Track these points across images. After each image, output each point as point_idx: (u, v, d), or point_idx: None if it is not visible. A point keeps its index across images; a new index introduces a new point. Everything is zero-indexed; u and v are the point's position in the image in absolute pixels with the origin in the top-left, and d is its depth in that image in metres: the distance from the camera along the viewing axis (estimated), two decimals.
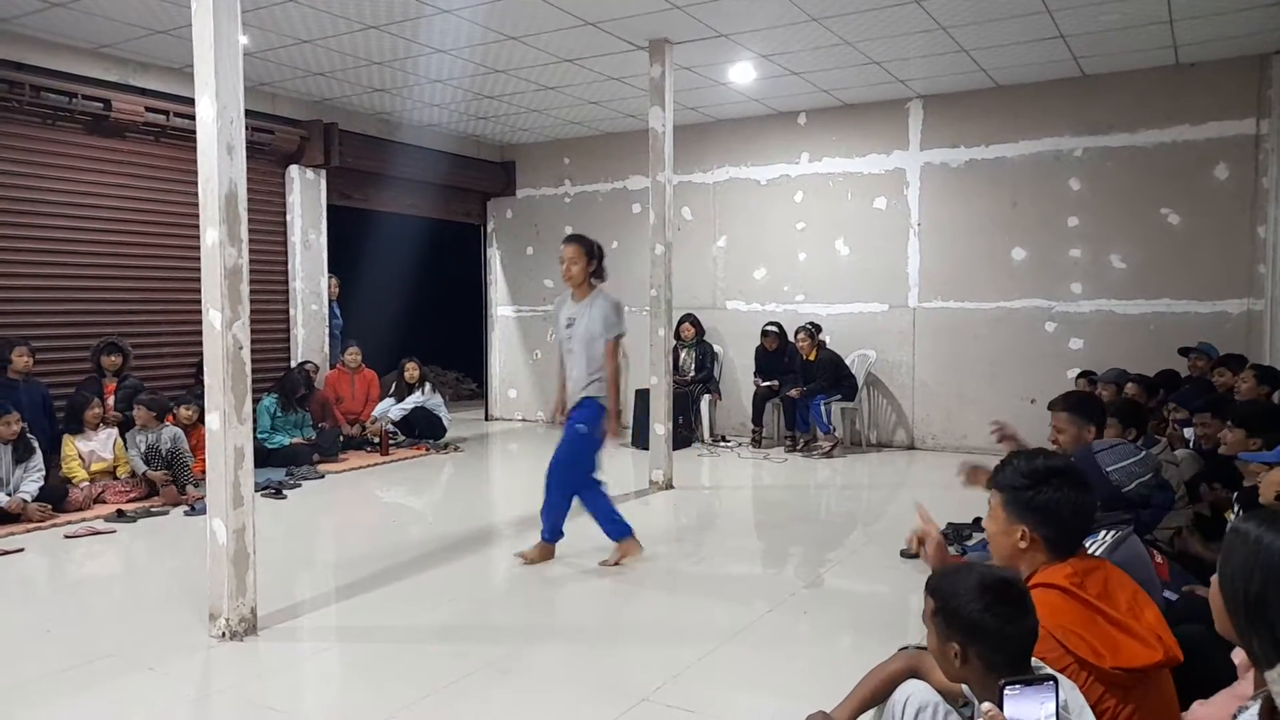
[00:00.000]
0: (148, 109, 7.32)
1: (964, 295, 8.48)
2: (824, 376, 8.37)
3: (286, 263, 8.73)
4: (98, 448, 6.36)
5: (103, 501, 6.14)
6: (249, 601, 3.81)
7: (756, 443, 8.92)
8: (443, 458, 8.50)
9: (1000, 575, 1.78)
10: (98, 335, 7.00)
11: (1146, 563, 2.56)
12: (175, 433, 6.50)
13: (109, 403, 6.70)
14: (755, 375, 9.08)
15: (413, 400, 8.91)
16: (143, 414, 6.39)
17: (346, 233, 10.35)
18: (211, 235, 3.71)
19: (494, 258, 11.26)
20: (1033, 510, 2.04)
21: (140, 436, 6.41)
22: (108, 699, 3.23)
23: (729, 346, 9.62)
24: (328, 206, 9.06)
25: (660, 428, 6.98)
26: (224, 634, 3.72)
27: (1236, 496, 3.60)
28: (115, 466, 6.40)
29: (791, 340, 8.76)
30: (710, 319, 9.57)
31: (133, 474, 6.37)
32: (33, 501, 5.65)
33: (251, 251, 3.93)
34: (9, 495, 5.62)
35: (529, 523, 4.99)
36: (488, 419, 11.18)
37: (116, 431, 6.50)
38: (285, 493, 6.70)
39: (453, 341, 12.33)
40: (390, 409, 8.83)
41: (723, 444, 9.08)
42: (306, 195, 8.81)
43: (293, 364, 8.60)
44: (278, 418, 7.85)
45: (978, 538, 5.02)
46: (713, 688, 3.33)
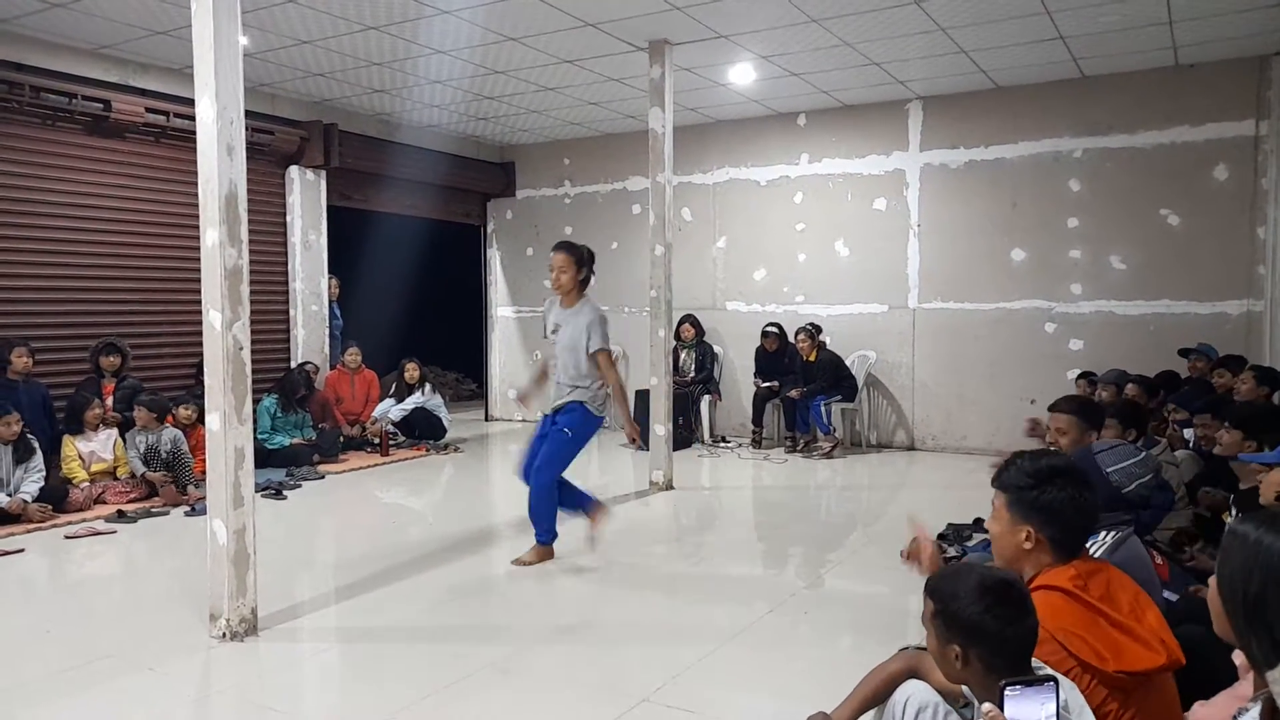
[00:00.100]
0: (148, 110, 7.32)
1: (964, 296, 8.48)
2: (824, 377, 8.37)
3: (286, 263, 8.74)
4: (98, 448, 6.36)
5: (103, 502, 6.15)
6: (249, 602, 3.81)
7: (756, 443, 8.92)
8: (443, 458, 8.50)
9: (1000, 576, 1.78)
10: (97, 336, 7.00)
11: (1147, 563, 2.56)
12: (175, 434, 6.50)
13: (108, 403, 6.71)
14: (755, 376, 9.08)
15: (413, 401, 8.91)
16: (143, 415, 6.39)
17: (346, 233, 10.36)
18: (211, 236, 3.72)
19: (494, 258, 11.26)
20: (1038, 510, 2.04)
21: (140, 437, 6.41)
22: (108, 699, 3.23)
23: (729, 347, 9.62)
24: (328, 207, 9.07)
25: (660, 428, 6.98)
26: (224, 634, 3.72)
27: (1234, 499, 3.60)
28: (115, 467, 6.40)
29: (792, 341, 8.77)
30: (710, 320, 9.58)
31: (132, 475, 6.38)
32: (33, 502, 5.66)
33: (251, 252, 3.93)
34: (9, 496, 5.62)
35: (529, 523, 4.99)
36: (488, 419, 11.19)
37: (116, 432, 6.50)
38: (285, 493, 6.70)
39: (453, 342, 12.33)
40: (390, 410, 8.83)
41: (723, 445, 9.08)
42: (306, 196, 8.81)
43: (293, 365, 8.60)
44: (278, 418, 7.85)
45: (978, 538, 5.02)
46: (713, 688, 3.33)
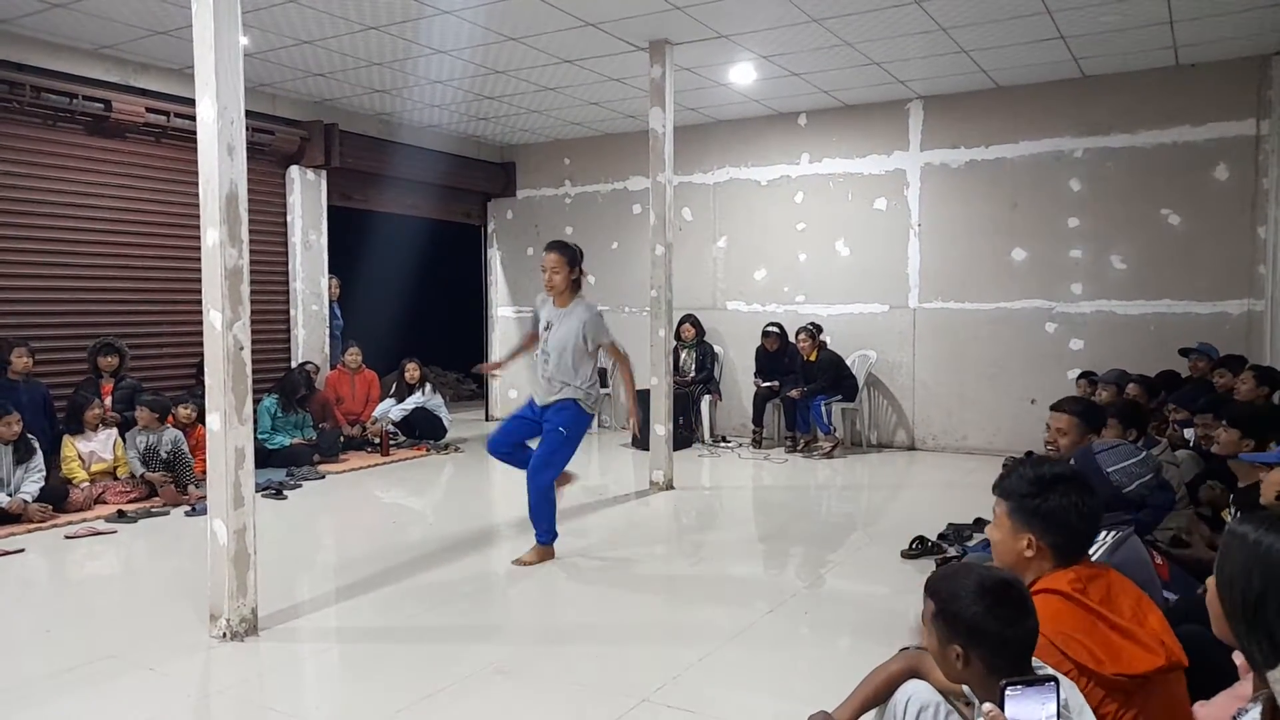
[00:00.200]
0: (148, 110, 7.32)
1: (964, 296, 8.48)
2: (825, 377, 8.37)
3: (287, 263, 8.74)
4: (98, 448, 6.36)
5: (103, 502, 6.15)
6: (250, 602, 3.81)
7: (757, 443, 8.92)
8: (443, 458, 8.50)
9: (1000, 576, 1.77)
10: (98, 336, 7.00)
11: (1147, 563, 2.56)
12: (176, 435, 6.50)
13: (106, 403, 6.70)
14: (755, 376, 9.08)
15: (413, 401, 8.90)
16: (145, 415, 6.39)
17: (347, 233, 10.36)
18: (212, 236, 3.72)
19: (494, 258, 11.26)
20: (1039, 517, 2.04)
21: (140, 438, 6.41)
22: (108, 699, 3.23)
23: (729, 347, 9.62)
24: (328, 207, 9.07)
25: (661, 428, 6.98)
26: (224, 634, 3.72)
27: (1233, 498, 3.60)
28: (115, 467, 6.40)
29: (793, 341, 8.76)
30: (710, 320, 9.57)
31: (132, 475, 6.38)
32: (33, 502, 5.66)
33: (252, 252, 3.93)
34: (10, 496, 5.62)
35: (529, 523, 4.99)
36: (488, 419, 11.18)
37: (116, 432, 6.50)
38: (286, 493, 6.70)
39: (453, 342, 12.33)
40: (391, 409, 8.83)
41: (723, 445, 9.08)
42: (307, 196, 8.81)
43: (293, 365, 8.60)
44: (278, 418, 7.85)
45: (978, 538, 5.02)
46: (713, 688, 3.33)
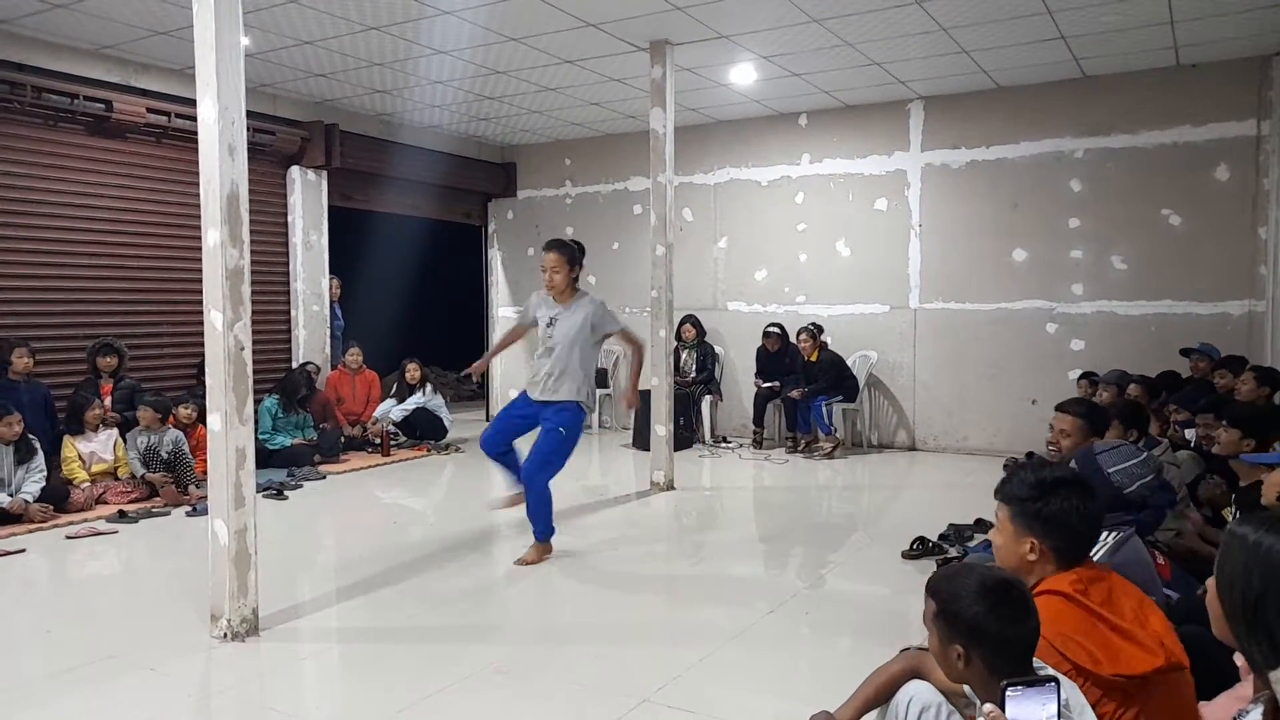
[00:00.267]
0: (149, 110, 7.32)
1: (965, 296, 8.48)
2: (825, 377, 8.36)
3: (288, 264, 8.74)
4: (98, 449, 6.36)
5: (104, 502, 6.14)
6: (250, 602, 3.81)
7: (758, 444, 8.92)
8: (444, 458, 8.50)
9: (1001, 577, 1.78)
10: (98, 336, 7.00)
11: (1148, 564, 2.56)
12: (176, 435, 6.50)
13: (106, 404, 6.71)
14: (756, 376, 9.07)
15: (414, 401, 8.91)
16: (147, 415, 6.39)
17: (348, 234, 10.36)
18: (213, 236, 3.72)
19: (495, 259, 11.26)
20: (1041, 521, 2.04)
21: (141, 438, 6.41)
22: (109, 699, 3.23)
23: (730, 348, 9.62)
24: (329, 207, 9.07)
25: (661, 429, 6.97)
26: (225, 634, 3.72)
27: (1235, 498, 3.60)
28: (116, 467, 6.41)
29: (794, 341, 8.76)
30: (711, 320, 9.57)
31: (133, 475, 6.38)
32: (34, 502, 5.66)
33: (253, 252, 3.93)
34: (11, 496, 5.62)
35: (528, 524, 5.00)
36: (489, 420, 11.16)
37: (116, 432, 6.50)
38: (286, 494, 6.70)
39: (454, 342, 12.33)
40: (391, 410, 8.83)
41: (724, 445, 9.07)
42: (308, 196, 8.82)
43: (294, 365, 8.61)
44: (279, 419, 7.86)
45: (979, 538, 5.02)
46: (714, 688, 3.33)
